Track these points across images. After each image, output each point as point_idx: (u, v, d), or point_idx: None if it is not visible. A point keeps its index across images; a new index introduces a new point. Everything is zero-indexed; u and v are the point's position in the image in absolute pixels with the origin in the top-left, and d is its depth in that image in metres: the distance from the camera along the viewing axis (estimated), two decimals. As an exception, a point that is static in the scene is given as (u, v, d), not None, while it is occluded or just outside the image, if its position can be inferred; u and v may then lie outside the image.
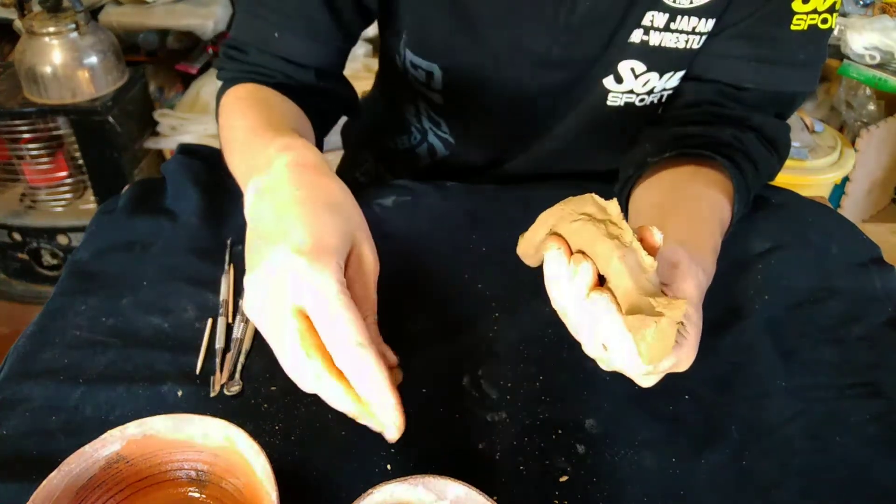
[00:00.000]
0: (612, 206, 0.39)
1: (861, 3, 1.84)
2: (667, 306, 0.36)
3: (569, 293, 0.40)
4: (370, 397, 0.40)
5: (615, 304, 0.38)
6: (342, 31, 0.63)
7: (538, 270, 0.44)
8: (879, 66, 1.70)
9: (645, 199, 0.61)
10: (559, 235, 0.40)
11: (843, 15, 1.82)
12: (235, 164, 0.57)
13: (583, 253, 0.39)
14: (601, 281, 0.39)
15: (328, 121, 0.69)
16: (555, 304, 0.42)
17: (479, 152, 0.79)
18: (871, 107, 1.87)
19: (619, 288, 0.37)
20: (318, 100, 0.65)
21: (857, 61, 1.72)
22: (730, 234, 0.63)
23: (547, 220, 0.42)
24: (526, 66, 0.65)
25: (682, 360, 0.43)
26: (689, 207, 0.56)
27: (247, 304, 0.43)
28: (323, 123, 0.67)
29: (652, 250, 0.39)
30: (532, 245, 0.43)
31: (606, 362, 0.42)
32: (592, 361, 0.44)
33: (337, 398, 0.41)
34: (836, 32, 1.74)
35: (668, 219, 0.54)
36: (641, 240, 0.39)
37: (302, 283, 0.40)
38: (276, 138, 0.50)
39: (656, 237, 0.39)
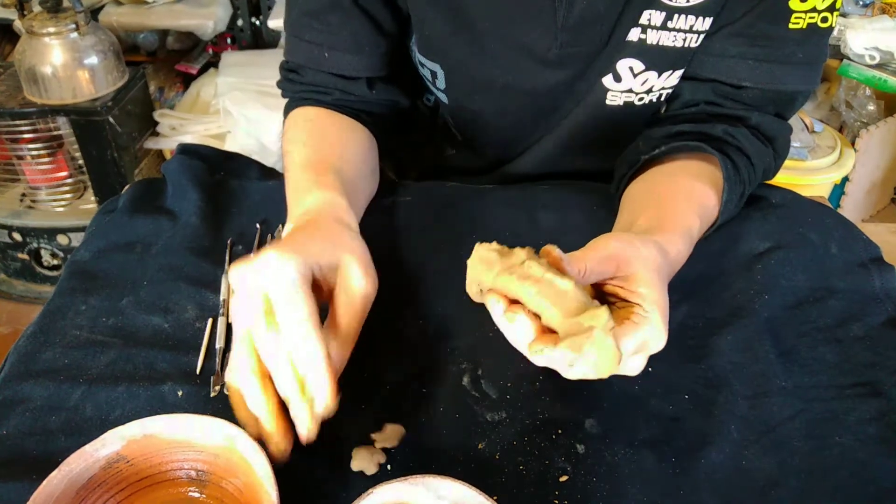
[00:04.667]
0: (517, 251, 0.43)
1: (861, 3, 1.84)
2: (593, 318, 0.39)
3: (515, 342, 0.45)
4: (307, 372, 0.42)
5: (550, 345, 0.42)
6: (384, 40, 0.66)
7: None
8: (879, 67, 1.70)
9: (630, 195, 0.62)
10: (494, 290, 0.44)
11: (843, 15, 1.82)
12: (288, 195, 0.61)
13: (516, 302, 0.43)
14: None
15: (388, 128, 0.72)
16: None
17: (483, 151, 0.79)
18: (871, 107, 1.87)
19: (549, 319, 0.41)
20: (374, 108, 0.69)
21: (857, 61, 1.72)
22: (729, 233, 0.63)
23: (474, 276, 0.46)
24: (525, 66, 0.65)
25: (651, 338, 0.44)
26: (666, 198, 0.57)
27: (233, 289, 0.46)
28: (383, 132, 0.71)
29: (556, 262, 0.43)
30: (474, 295, 0.48)
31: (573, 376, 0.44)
32: None
33: (256, 395, 0.43)
34: (835, 33, 1.74)
35: (643, 210, 0.56)
36: (551, 262, 0.43)
37: (267, 269, 0.44)
38: (312, 190, 0.56)
39: (553, 252, 0.44)
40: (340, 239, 0.50)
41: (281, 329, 0.42)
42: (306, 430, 0.42)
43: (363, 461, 0.46)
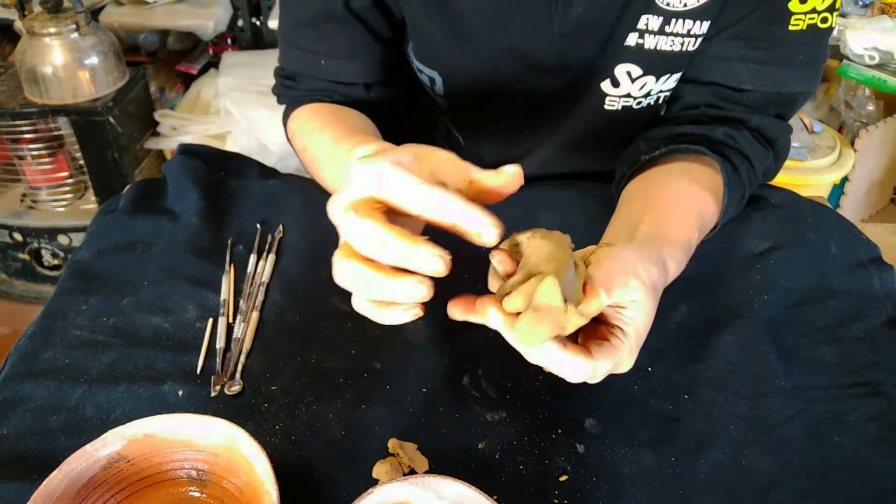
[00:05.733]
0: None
1: (860, 3, 1.84)
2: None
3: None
4: (456, 216, 0.41)
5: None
6: (380, 46, 0.66)
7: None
8: (878, 67, 1.70)
9: (628, 195, 0.62)
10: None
11: (843, 15, 1.81)
12: (327, 177, 0.60)
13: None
14: None
15: (388, 128, 0.71)
16: None
17: (484, 154, 0.79)
18: (870, 107, 1.87)
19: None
20: (372, 108, 0.69)
21: (857, 62, 1.72)
22: (728, 233, 0.63)
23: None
24: (523, 72, 0.65)
25: (621, 363, 0.44)
26: (666, 207, 0.57)
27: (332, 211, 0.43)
28: (385, 131, 0.69)
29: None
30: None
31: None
32: None
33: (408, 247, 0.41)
34: (835, 33, 1.74)
35: (641, 217, 0.55)
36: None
37: (361, 174, 0.41)
38: (356, 146, 0.51)
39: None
40: (399, 149, 0.46)
41: (402, 203, 0.40)
42: (442, 263, 0.41)
43: (386, 475, 0.45)
